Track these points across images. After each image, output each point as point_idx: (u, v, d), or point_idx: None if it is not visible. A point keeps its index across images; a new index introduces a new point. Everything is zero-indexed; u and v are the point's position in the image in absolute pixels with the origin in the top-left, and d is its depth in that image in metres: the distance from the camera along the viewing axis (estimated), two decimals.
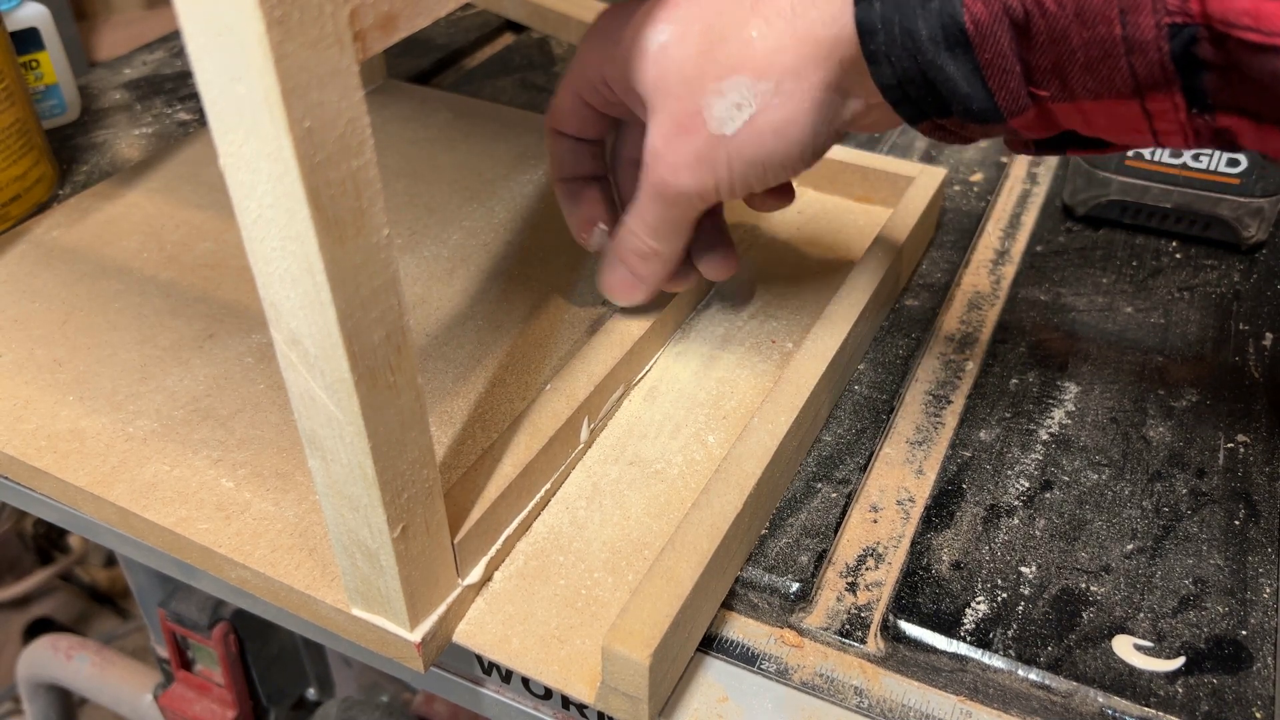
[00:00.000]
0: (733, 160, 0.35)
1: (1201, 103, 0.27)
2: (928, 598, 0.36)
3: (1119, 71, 0.28)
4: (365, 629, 0.34)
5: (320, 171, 0.23)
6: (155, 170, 0.59)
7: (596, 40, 0.38)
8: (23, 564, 1.29)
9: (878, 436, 0.43)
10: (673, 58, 0.34)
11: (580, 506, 0.39)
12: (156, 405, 0.43)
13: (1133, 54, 0.27)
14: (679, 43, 0.34)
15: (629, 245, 0.40)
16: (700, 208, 0.38)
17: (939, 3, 0.29)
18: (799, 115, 0.34)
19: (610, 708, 0.33)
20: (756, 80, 0.33)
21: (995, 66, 0.30)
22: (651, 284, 0.42)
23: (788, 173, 0.36)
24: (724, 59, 0.33)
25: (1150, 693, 0.33)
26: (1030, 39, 0.29)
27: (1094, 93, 0.29)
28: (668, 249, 0.40)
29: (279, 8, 0.21)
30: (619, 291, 0.43)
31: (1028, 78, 0.30)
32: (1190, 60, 0.26)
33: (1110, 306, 0.50)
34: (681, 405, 0.44)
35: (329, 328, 0.25)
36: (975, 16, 0.29)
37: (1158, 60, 0.27)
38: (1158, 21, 0.26)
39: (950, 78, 0.30)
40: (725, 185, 0.36)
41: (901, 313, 0.50)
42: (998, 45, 0.29)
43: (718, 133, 0.34)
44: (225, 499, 0.38)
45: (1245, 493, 0.40)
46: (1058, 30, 0.28)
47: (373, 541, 0.30)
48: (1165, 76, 0.27)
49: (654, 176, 0.37)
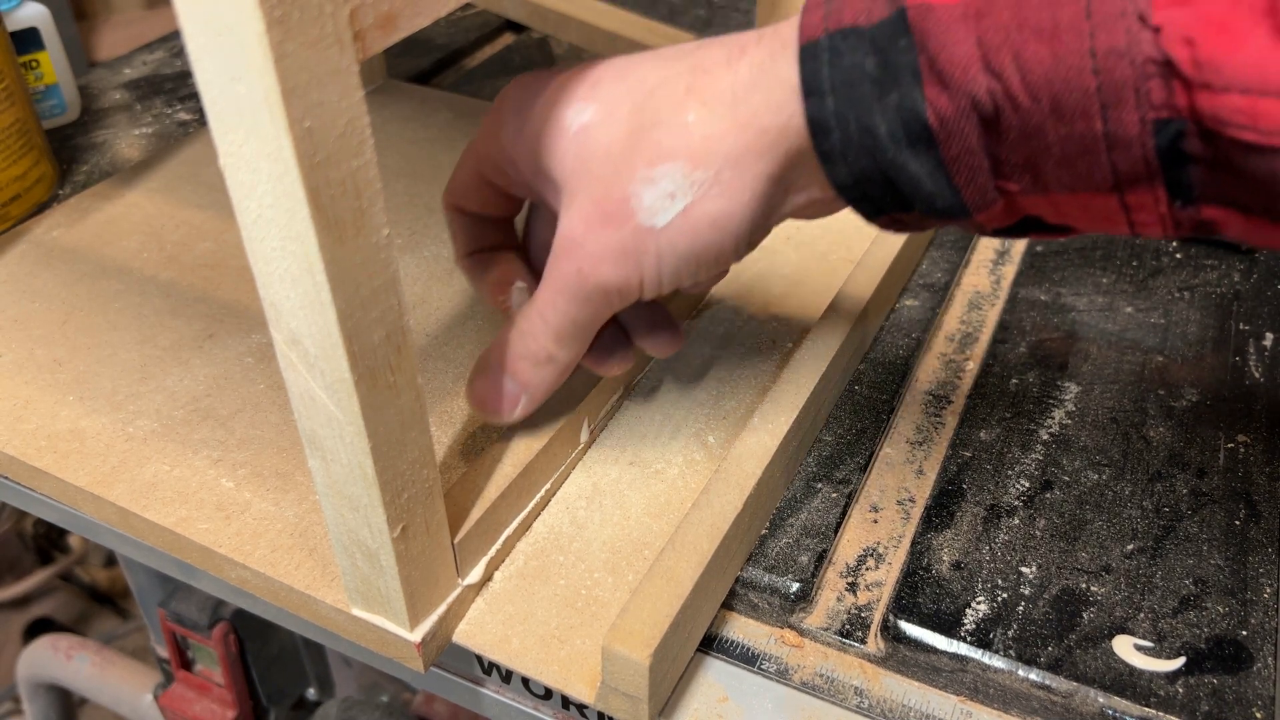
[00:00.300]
0: (663, 253, 0.31)
1: (1186, 196, 0.25)
2: (928, 598, 0.36)
3: (1099, 167, 0.26)
4: (365, 629, 0.34)
5: (320, 171, 0.23)
6: (155, 170, 0.59)
7: (503, 115, 0.34)
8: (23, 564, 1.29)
9: (878, 436, 0.43)
10: (597, 140, 0.31)
11: (580, 506, 0.39)
12: (156, 405, 0.43)
13: (1114, 150, 0.25)
14: (603, 124, 0.31)
15: (520, 349, 0.35)
16: (617, 307, 0.34)
17: (898, 97, 0.27)
18: (738, 207, 0.31)
19: (610, 708, 0.33)
20: (693, 168, 0.30)
21: (962, 163, 0.27)
22: (537, 397, 0.36)
23: (718, 268, 0.33)
24: (655, 143, 0.30)
25: (1150, 693, 0.33)
26: (1000, 134, 0.26)
27: (1069, 187, 0.27)
28: (566, 355, 0.35)
29: (279, 7, 0.21)
30: (496, 407, 0.36)
31: (996, 172, 0.28)
32: (1176, 155, 0.25)
33: (1110, 306, 0.50)
34: (681, 405, 0.44)
35: (329, 328, 0.25)
36: (939, 111, 0.27)
37: (1141, 156, 0.25)
38: (1142, 117, 0.24)
39: (913, 176, 0.28)
40: (652, 280, 0.32)
41: (901, 313, 0.50)
42: (964, 141, 0.27)
43: (647, 224, 0.31)
44: (225, 499, 0.38)
45: (1245, 493, 0.40)
46: (1031, 125, 0.26)
47: (373, 541, 0.30)
48: (1149, 171, 0.25)
49: (568, 268, 0.32)
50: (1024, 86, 0.25)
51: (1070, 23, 0.24)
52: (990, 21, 0.26)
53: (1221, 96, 0.23)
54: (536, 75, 0.34)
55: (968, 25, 0.26)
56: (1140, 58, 0.24)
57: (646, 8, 0.83)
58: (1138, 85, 0.24)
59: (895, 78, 0.27)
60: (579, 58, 0.78)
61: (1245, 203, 0.25)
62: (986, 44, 0.26)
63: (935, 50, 0.26)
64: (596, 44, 0.77)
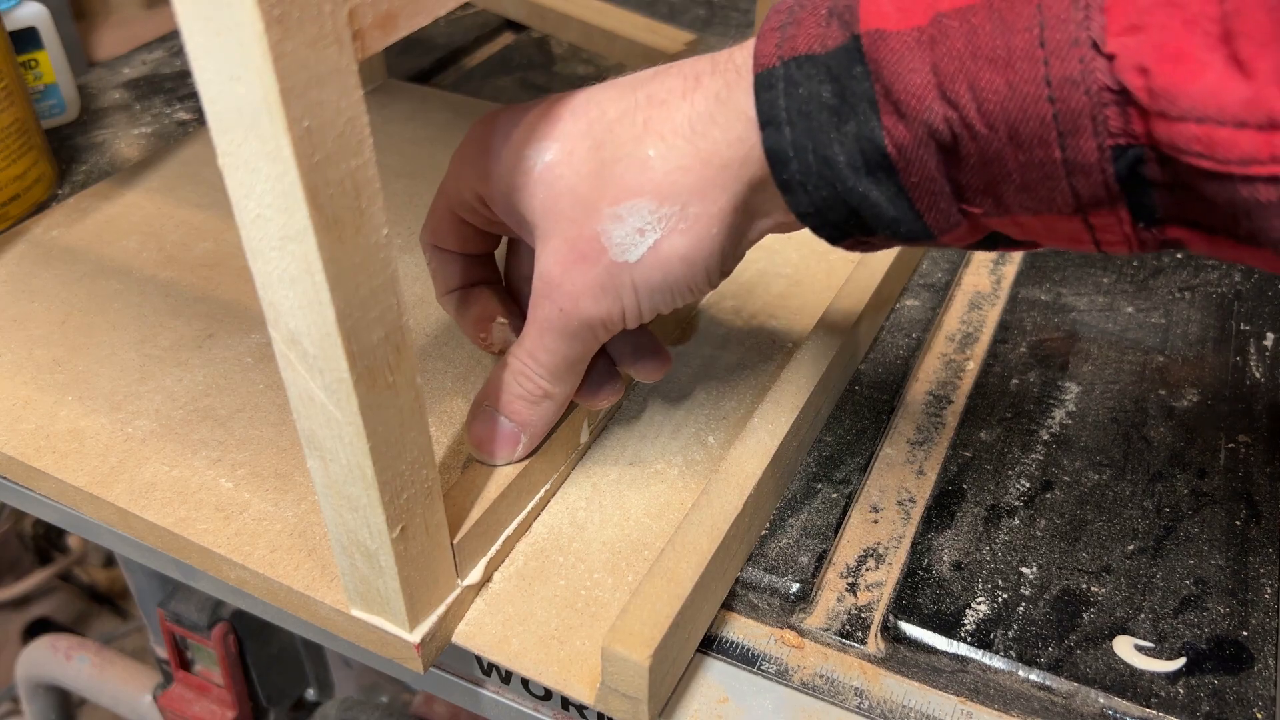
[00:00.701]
0: (638, 287, 0.32)
1: (1149, 218, 0.25)
2: (928, 598, 0.36)
3: (1059, 192, 0.25)
4: (364, 629, 0.34)
5: (319, 171, 0.23)
6: (155, 170, 0.59)
7: (470, 155, 0.34)
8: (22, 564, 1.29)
9: (878, 436, 0.43)
10: (562, 178, 0.31)
11: (580, 506, 0.39)
12: (156, 405, 0.42)
13: (1074, 175, 0.25)
14: (566, 162, 0.31)
15: (516, 390, 0.36)
16: (603, 338, 0.34)
17: (855, 126, 0.27)
18: (705, 240, 0.31)
19: (610, 709, 0.33)
20: (659, 204, 0.30)
21: (922, 189, 0.27)
22: (537, 435, 0.37)
23: (695, 295, 0.33)
24: (619, 180, 0.30)
25: (1151, 693, 0.33)
26: (959, 160, 0.26)
27: (1032, 210, 0.26)
28: (562, 391, 0.36)
29: (278, 7, 0.21)
30: (498, 447, 0.37)
31: (958, 196, 0.27)
32: (1136, 179, 0.24)
33: (1111, 306, 0.50)
34: (681, 405, 0.44)
35: (328, 327, 0.25)
36: (897, 140, 0.26)
37: (1101, 181, 0.25)
38: (1100, 144, 0.24)
39: (875, 203, 0.28)
40: (632, 312, 0.33)
41: (901, 313, 0.50)
42: (923, 169, 0.27)
43: (620, 259, 0.31)
44: (224, 499, 0.38)
45: (1246, 493, 0.40)
46: (990, 153, 0.26)
47: (372, 542, 0.30)
48: (1110, 195, 0.25)
49: (550, 308, 0.33)
50: (980, 115, 0.25)
51: (1024, 51, 0.24)
52: (944, 49, 0.25)
53: (1177, 125, 0.22)
54: (497, 113, 0.34)
55: (922, 53, 0.26)
56: (1095, 86, 0.23)
57: (646, 7, 0.83)
58: (1094, 113, 0.24)
59: (852, 107, 0.27)
60: (578, 57, 0.78)
61: (1209, 224, 0.25)
62: (941, 72, 0.25)
63: (890, 79, 0.26)
64: (596, 43, 0.77)
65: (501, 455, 0.37)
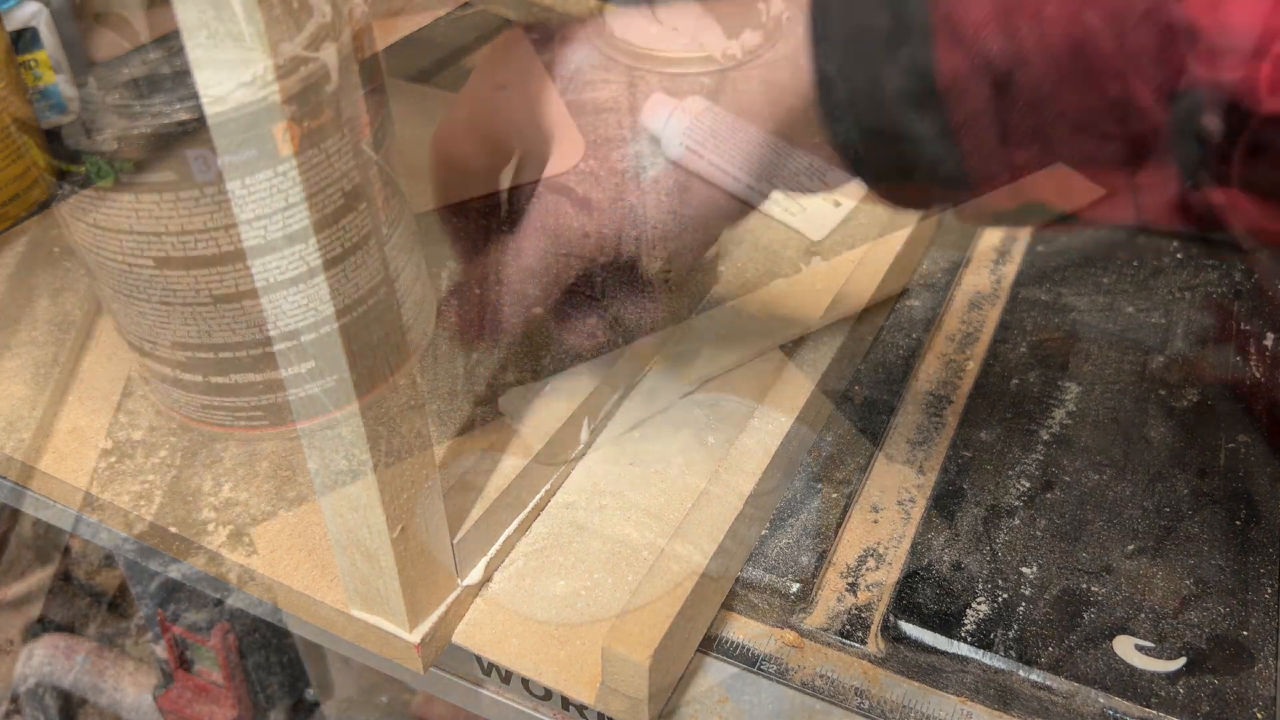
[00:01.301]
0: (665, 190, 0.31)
1: (1197, 176, 0.25)
2: (928, 598, 0.36)
3: (1111, 138, 0.25)
4: (364, 629, 0.34)
5: (319, 171, 0.23)
6: (154, 170, 0.59)
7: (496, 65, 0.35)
8: (22, 564, 1.29)
9: (878, 436, 0.43)
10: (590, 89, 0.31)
11: (580, 506, 0.39)
12: (155, 405, 0.42)
13: (1128, 120, 0.24)
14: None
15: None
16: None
17: (908, 53, 0.26)
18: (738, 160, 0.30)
19: (610, 709, 0.33)
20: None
21: (969, 127, 0.26)
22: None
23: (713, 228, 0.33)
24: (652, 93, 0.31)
25: (1151, 693, 0.33)
26: (1012, 98, 0.26)
27: (1079, 160, 0.26)
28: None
29: (278, 6, 0.21)
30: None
31: (1004, 139, 0.27)
32: (1192, 128, 0.24)
33: (1111, 306, 0.50)
34: (681, 405, 0.44)
35: (328, 327, 0.25)
36: (950, 70, 0.26)
37: (1156, 128, 0.24)
38: (1158, 86, 0.23)
39: (917, 138, 0.27)
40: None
41: (901, 313, 0.50)
42: (974, 103, 0.26)
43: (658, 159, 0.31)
44: (224, 499, 0.38)
45: (1246, 493, 0.40)
46: (1044, 90, 0.25)
47: (372, 542, 0.30)
48: (1161, 146, 0.24)
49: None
50: (1040, 48, 0.25)
51: None
52: None
53: (1246, 65, 0.22)
54: (522, 32, 0.33)
55: None
56: (1163, 21, 0.23)
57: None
58: (1159, 52, 0.23)
59: (907, 32, 0.26)
60: None
61: (1262, 184, 0.24)
62: (1005, 2, 0.25)
63: (950, 5, 0.25)
64: None
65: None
